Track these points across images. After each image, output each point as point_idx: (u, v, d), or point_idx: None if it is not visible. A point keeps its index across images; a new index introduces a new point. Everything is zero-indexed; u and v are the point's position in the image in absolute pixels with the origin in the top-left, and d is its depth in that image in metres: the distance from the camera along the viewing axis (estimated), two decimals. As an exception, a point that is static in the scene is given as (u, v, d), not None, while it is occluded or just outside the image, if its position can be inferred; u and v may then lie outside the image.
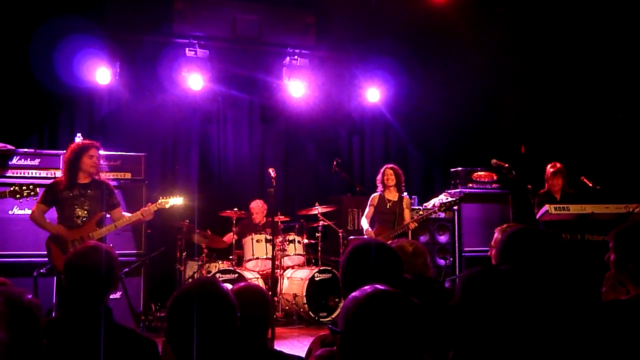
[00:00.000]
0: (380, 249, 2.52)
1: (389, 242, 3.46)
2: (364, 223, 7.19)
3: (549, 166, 7.28)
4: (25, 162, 6.74)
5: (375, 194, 7.30)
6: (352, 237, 7.36)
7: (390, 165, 7.35)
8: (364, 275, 2.33)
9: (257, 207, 8.37)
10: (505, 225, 3.60)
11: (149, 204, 5.90)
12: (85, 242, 5.03)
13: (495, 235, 3.56)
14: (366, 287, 1.79)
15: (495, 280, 1.40)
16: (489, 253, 3.63)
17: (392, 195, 7.20)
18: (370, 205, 7.24)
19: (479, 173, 8.60)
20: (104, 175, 5.90)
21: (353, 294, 1.79)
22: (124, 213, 5.83)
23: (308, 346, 3.03)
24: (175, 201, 5.98)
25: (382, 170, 7.32)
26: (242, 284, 2.67)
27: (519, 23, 8.67)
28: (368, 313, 1.71)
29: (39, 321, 1.68)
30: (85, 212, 5.53)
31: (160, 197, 5.95)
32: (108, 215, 5.77)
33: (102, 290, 2.59)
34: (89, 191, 5.58)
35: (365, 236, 6.96)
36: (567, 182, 7.26)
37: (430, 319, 2.04)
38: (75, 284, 2.58)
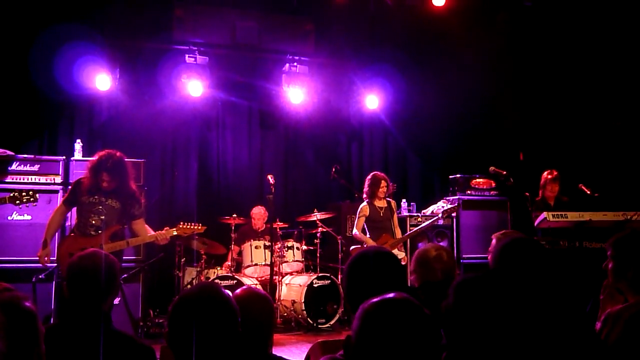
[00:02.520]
0: (384, 257, 2.53)
1: (427, 246, 3.40)
2: (362, 235, 7.11)
3: (546, 173, 7.31)
4: (25, 168, 6.75)
5: (364, 204, 7.19)
6: (353, 247, 7.34)
7: (383, 175, 7.27)
8: (368, 284, 2.34)
9: (259, 213, 8.37)
10: (502, 231, 3.61)
11: (166, 228, 5.67)
12: (90, 249, 5.00)
13: (493, 241, 3.57)
14: (388, 294, 1.78)
15: (486, 287, 1.42)
16: (489, 257, 3.63)
17: (381, 202, 7.19)
18: (361, 217, 7.15)
19: (477, 180, 8.61)
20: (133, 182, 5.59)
21: (370, 301, 1.78)
22: (146, 225, 5.63)
23: (306, 353, 3.03)
24: (195, 230, 5.77)
25: (374, 181, 7.19)
26: (245, 288, 2.65)
27: (517, 30, 8.70)
28: (380, 321, 1.70)
29: (37, 329, 1.68)
30: (100, 222, 5.33)
31: (181, 223, 5.72)
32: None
33: (103, 297, 2.60)
34: (109, 200, 5.38)
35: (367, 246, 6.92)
36: (564, 190, 7.29)
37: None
38: (76, 288, 2.59)
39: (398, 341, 1.65)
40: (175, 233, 5.64)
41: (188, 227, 5.71)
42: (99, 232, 5.34)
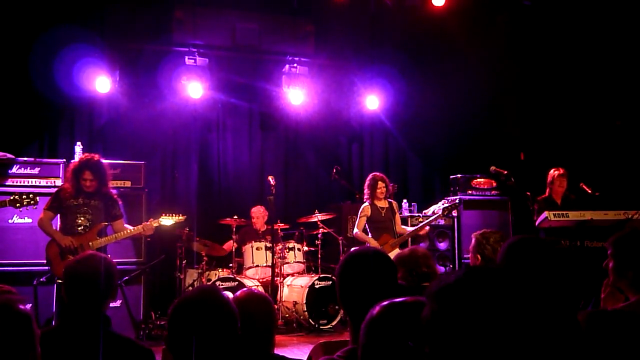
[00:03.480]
0: (377, 257, 2.52)
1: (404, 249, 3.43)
2: (363, 234, 7.10)
3: (552, 170, 7.29)
4: (25, 171, 6.75)
5: (365, 204, 7.20)
6: (354, 248, 7.33)
7: (381, 176, 7.29)
8: (361, 284, 2.33)
9: (258, 212, 8.35)
10: (481, 231, 3.59)
11: (151, 219, 6.01)
12: (83, 251, 5.08)
13: (473, 241, 3.57)
14: (396, 299, 1.76)
15: (473, 288, 1.36)
16: (470, 257, 3.63)
17: (382, 203, 7.20)
18: (362, 217, 7.16)
19: (478, 180, 8.60)
20: (111, 185, 6.01)
21: (381, 304, 1.76)
22: (125, 225, 5.91)
23: (308, 354, 3.03)
24: (177, 220, 6.12)
25: (372, 183, 7.22)
26: (246, 290, 2.66)
27: (518, 30, 8.70)
28: (385, 325, 1.69)
29: (32, 332, 1.68)
30: (87, 221, 5.65)
31: (163, 214, 6.06)
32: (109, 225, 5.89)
33: (101, 299, 2.59)
34: (92, 201, 5.70)
35: (370, 245, 6.92)
36: (568, 188, 7.28)
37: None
38: (74, 292, 2.59)
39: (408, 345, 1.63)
40: (160, 223, 5.98)
41: (171, 218, 6.07)
42: (87, 230, 5.64)
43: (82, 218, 5.64)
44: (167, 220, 6.05)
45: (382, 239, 7.01)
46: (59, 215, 5.80)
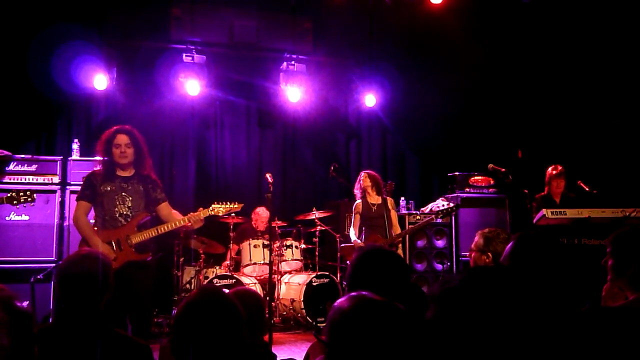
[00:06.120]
0: (389, 256, 2.52)
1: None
2: (353, 234, 7.05)
3: (550, 168, 7.27)
4: (23, 168, 6.74)
5: (358, 201, 7.16)
6: (343, 245, 7.36)
7: (367, 171, 7.31)
8: (373, 281, 2.33)
9: (264, 214, 8.30)
10: (487, 229, 3.57)
11: (200, 208, 5.25)
12: (119, 248, 4.86)
13: (476, 239, 3.54)
14: (352, 294, 1.75)
15: (475, 290, 1.32)
16: (468, 255, 3.62)
17: (374, 199, 7.11)
18: (355, 214, 7.11)
19: (476, 178, 8.61)
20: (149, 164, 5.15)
21: (338, 302, 1.75)
22: (174, 211, 5.26)
23: (306, 351, 3.02)
24: (230, 208, 5.45)
25: (358, 177, 7.25)
26: (236, 288, 2.66)
27: (516, 27, 8.69)
28: (354, 323, 1.67)
29: (31, 330, 1.68)
30: (128, 209, 4.90)
31: (215, 202, 5.39)
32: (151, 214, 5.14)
33: (98, 298, 2.58)
34: (130, 185, 4.95)
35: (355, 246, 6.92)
36: (567, 186, 7.28)
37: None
38: (70, 291, 2.56)
39: (372, 342, 1.62)
40: (210, 213, 5.26)
41: (223, 206, 5.41)
42: (129, 220, 4.91)
43: (121, 206, 4.88)
44: (219, 209, 5.35)
45: (370, 238, 6.93)
46: (93, 205, 4.95)
